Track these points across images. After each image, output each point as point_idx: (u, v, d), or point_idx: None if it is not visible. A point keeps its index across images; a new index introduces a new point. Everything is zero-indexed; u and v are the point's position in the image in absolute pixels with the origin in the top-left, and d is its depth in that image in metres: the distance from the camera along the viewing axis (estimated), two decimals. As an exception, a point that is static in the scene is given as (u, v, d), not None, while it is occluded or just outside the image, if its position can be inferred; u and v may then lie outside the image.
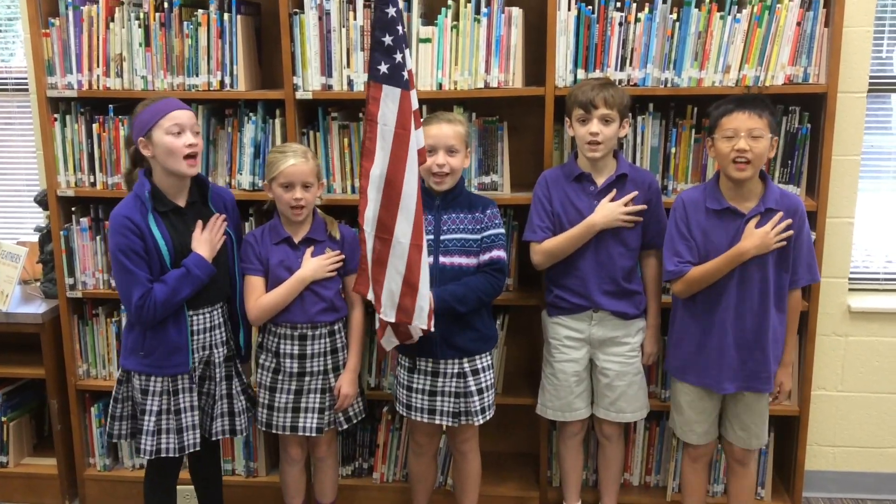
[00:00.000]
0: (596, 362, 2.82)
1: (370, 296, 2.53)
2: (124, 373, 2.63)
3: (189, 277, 2.50)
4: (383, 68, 2.37)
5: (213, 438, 2.70)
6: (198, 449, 2.64)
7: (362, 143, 2.47)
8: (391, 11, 2.35)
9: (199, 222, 2.58)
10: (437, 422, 2.72)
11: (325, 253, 2.71)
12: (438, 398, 2.70)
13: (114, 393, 2.66)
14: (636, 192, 2.69)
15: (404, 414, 2.77)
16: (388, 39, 2.35)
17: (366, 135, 2.44)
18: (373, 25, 2.40)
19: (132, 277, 2.47)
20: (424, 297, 2.46)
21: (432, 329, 2.50)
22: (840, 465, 3.33)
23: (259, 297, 2.68)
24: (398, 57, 2.36)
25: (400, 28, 2.36)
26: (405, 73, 2.37)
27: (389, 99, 2.37)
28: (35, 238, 3.38)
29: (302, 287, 2.67)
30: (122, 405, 2.65)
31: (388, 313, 2.49)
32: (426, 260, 2.45)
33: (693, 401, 2.69)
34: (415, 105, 2.43)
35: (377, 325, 2.64)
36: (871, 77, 3.06)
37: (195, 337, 2.59)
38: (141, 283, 2.47)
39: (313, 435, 2.75)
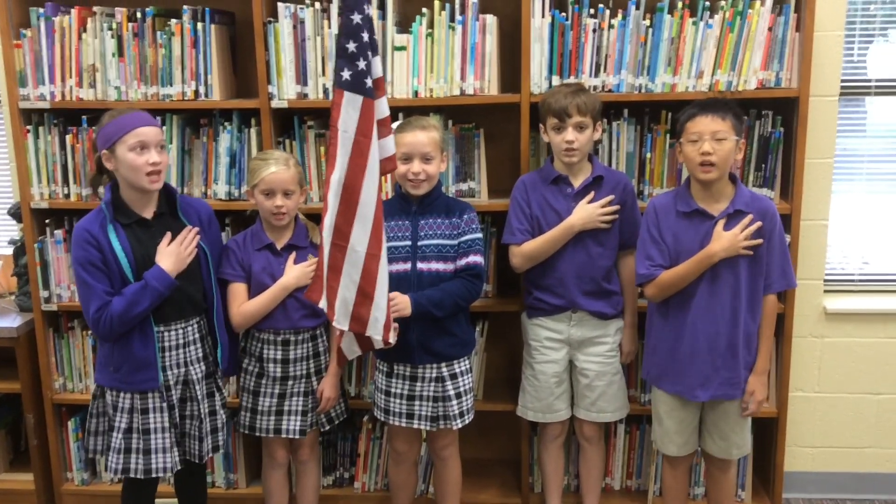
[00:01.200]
0: (575, 363, 2.83)
1: (322, 304, 2.50)
2: (98, 387, 2.60)
3: (147, 290, 2.43)
4: (346, 75, 2.35)
5: (203, 461, 2.66)
6: (169, 475, 2.58)
7: (327, 149, 2.46)
8: (356, 18, 2.33)
9: (168, 234, 2.52)
10: (416, 426, 2.72)
11: (307, 259, 2.71)
12: (416, 402, 2.70)
13: (90, 408, 2.63)
14: (613, 196, 2.70)
15: (382, 419, 2.77)
16: (351, 46, 2.34)
17: (329, 141, 2.43)
18: (339, 31, 2.39)
19: (89, 290, 2.43)
20: (380, 309, 2.43)
21: (391, 341, 2.49)
22: (819, 466, 3.35)
23: (242, 304, 2.67)
24: (361, 64, 2.34)
25: (365, 35, 2.35)
26: (368, 81, 2.36)
27: (350, 106, 2.35)
28: (9, 251, 3.35)
29: (285, 294, 2.67)
30: (98, 420, 2.62)
31: (341, 321, 2.47)
32: (384, 271, 2.43)
33: (671, 410, 2.68)
34: (384, 113, 2.43)
35: (335, 333, 2.63)
36: (843, 80, 3.09)
37: (168, 353, 2.53)
38: (98, 296, 2.42)
39: (296, 437, 2.75)
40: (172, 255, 2.49)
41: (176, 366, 2.56)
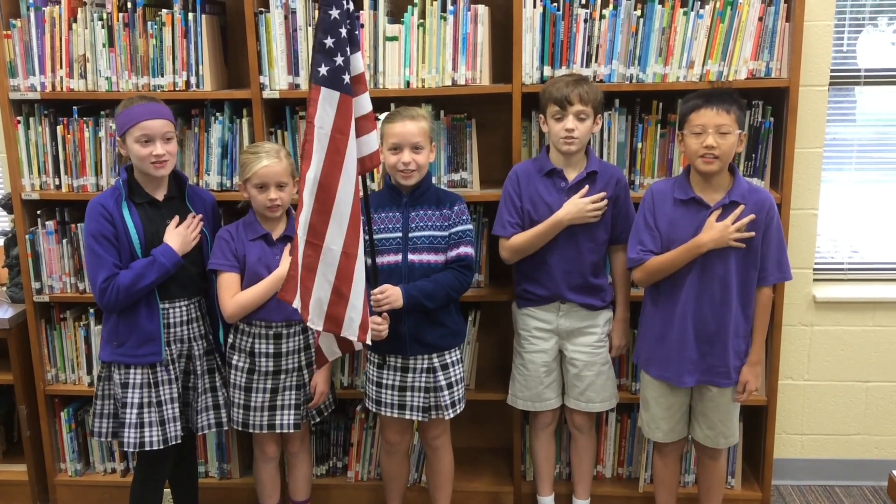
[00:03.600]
0: (564, 353, 2.85)
1: (296, 303, 2.45)
2: (104, 367, 2.67)
3: (154, 265, 2.55)
4: (323, 70, 2.32)
5: (200, 433, 2.74)
6: (179, 441, 2.67)
7: (302, 145, 2.42)
8: (334, 13, 2.29)
9: (177, 217, 2.64)
10: (408, 417, 2.73)
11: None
12: (408, 393, 2.71)
13: (96, 390, 2.70)
14: (605, 193, 2.70)
15: (374, 410, 2.77)
16: (329, 41, 2.30)
17: (305, 137, 2.39)
18: (316, 26, 2.36)
19: (100, 260, 2.55)
20: (356, 309, 2.40)
21: (369, 342, 2.46)
22: (808, 453, 3.38)
23: (236, 294, 2.67)
24: (339, 60, 2.31)
25: (343, 30, 2.30)
26: (346, 77, 2.32)
27: (327, 102, 2.32)
28: (0, 242, 3.34)
29: (280, 285, 2.66)
30: (104, 402, 2.69)
31: (315, 321, 2.42)
32: (361, 270, 2.39)
33: (658, 396, 2.70)
34: (366, 109, 2.40)
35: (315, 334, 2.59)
36: (833, 70, 3.10)
37: (172, 329, 2.64)
38: (107, 267, 2.54)
39: (290, 431, 2.76)
40: (179, 235, 2.61)
41: (179, 341, 2.66)
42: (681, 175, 2.63)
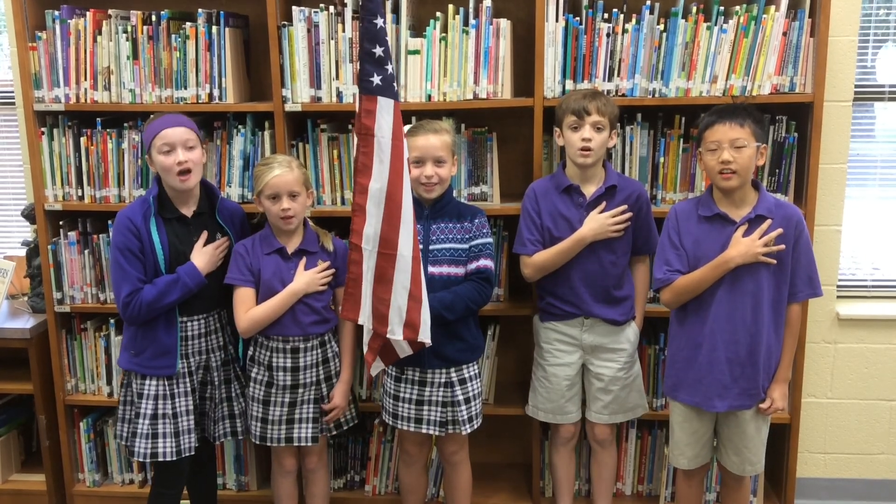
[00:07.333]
0: (589, 367, 2.82)
1: (362, 320, 2.50)
2: (125, 374, 2.70)
3: (178, 284, 2.57)
4: (376, 80, 2.35)
5: (217, 441, 2.76)
6: (192, 453, 2.68)
7: (355, 158, 2.45)
8: (379, 22, 2.34)
9: (205, 233, 2.65)
10: (424, 431, 2.71)
11: (317, 265, 2.71)
12: (425, 407, 2.70)
13: (120, 395, 2.73)
14: (625, 206, 2.69)
15: (391, 423, 2.77)
16: (378, 51, 2.35)
17: (360, 150, 2.41)
18: (361, 37, 2.39)
19: (124, 274, 2.56)
20: (427, 310, 2.45)
21: (429, 343, 2.49)
22: (831, 472, 3.34)
23: (250, 309, 2.66)
24: (389, 68, 2.36)
25: (388, 39, 2.36)
26: (395, 85, 2.38)
27: (385, 110, 2.36)
28: (22, 252, 3.37)
29: (294, 300, 2.66)
30: (125, 408, 2.71)
31: (395, 331, 2.46)
32: (422, 270, 2.45)
33: (683, 421, 2.64)
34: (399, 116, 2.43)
35: (365, 349, 2.60)
36: (857, 85, 3.08)
37: (189, 342, 2.66)
38: (131, 281, 2.56)
39: (308, 444, 2.76)
40: (206, 255, 2.64)
41: (197, 353, 2.68)
42: (704, 193, 2.60)
